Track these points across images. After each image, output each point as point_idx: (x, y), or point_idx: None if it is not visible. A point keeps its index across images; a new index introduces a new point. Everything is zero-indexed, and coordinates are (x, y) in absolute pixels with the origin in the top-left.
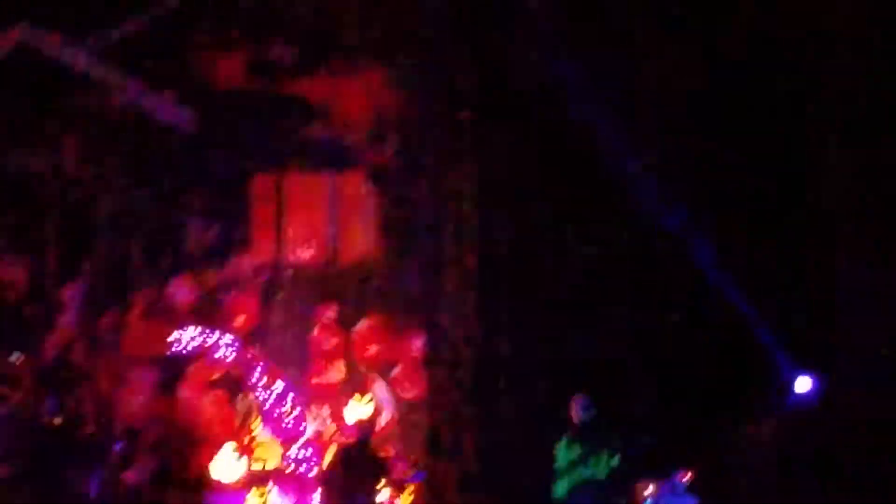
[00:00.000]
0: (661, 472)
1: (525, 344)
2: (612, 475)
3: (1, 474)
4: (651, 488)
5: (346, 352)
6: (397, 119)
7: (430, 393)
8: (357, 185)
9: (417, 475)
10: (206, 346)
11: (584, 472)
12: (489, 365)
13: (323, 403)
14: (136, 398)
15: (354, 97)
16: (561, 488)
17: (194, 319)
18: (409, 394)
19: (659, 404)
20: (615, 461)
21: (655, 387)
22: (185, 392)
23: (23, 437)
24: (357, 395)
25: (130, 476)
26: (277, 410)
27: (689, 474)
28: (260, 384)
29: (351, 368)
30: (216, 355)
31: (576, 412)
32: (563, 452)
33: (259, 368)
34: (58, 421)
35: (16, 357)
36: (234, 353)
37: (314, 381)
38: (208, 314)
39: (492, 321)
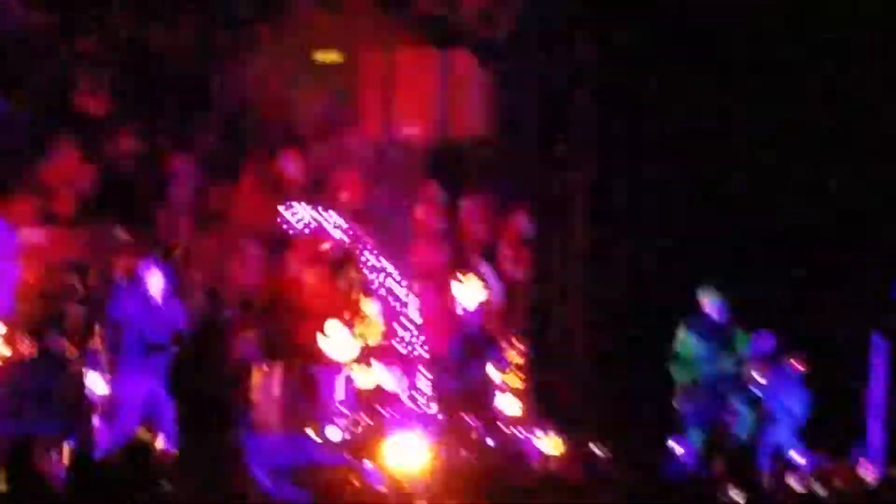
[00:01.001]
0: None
1: (642, 228)
2: (739, 370)
3: None
4: (762, 374)
5: (451, 230)
6: None
7: (538, 272)
8: (467, 62)
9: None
10: (315, 221)
11: (710, 368)
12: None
13: (427, 282)
14: (245, 271)
15: None
16: (684, 378)
17: (302, 195)
18: (515, 272)
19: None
20: (743, 355)
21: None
22: (291, 266)
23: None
24: (463, 275)
25: (239, 345)
26: (384, 289)
27: (803, 366)
28: (367, 262)
29: (456, 247)
30: (324, 231)
31: (705, 307)
32: (689, 347)
33: (366, 246)
34: None
35: (118, 232)
36: (342, 231)
37: (418, 259)
38: (316, 190)
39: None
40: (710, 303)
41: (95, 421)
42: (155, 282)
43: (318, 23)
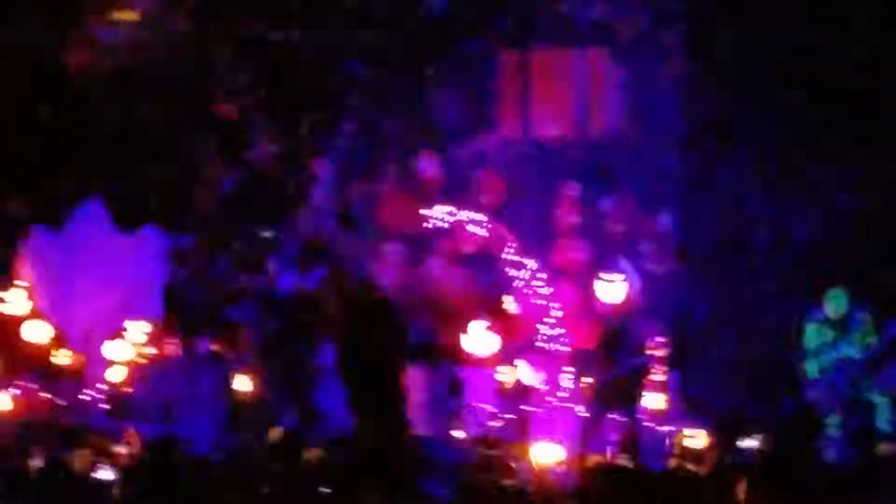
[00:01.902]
0: None
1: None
2: (868, 354)
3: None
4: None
5: (591, 228)
6: None
7: (680, 268)
8: (604, 61)
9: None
10: (458, 222)
11: (837, 354)
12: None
13: (569, 280)
14: (386, 271)
15: None
16: (811, 369)
17: (442, 195)
18: (657, 269)
19: None
20: (871, 340)
21: None
22: (433, 267)
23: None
24: (605, 272)
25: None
26: (528, 287)
27: None
28: (510, 261)
29: (597, 245)
30: (467, 232)
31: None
32: (814, 335)
33: (509, 245)
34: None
35: (269, 234)
36: (485, 230)
37: (559, 257)
38: (455, 190)
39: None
40: (832, 291)
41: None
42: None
43: None
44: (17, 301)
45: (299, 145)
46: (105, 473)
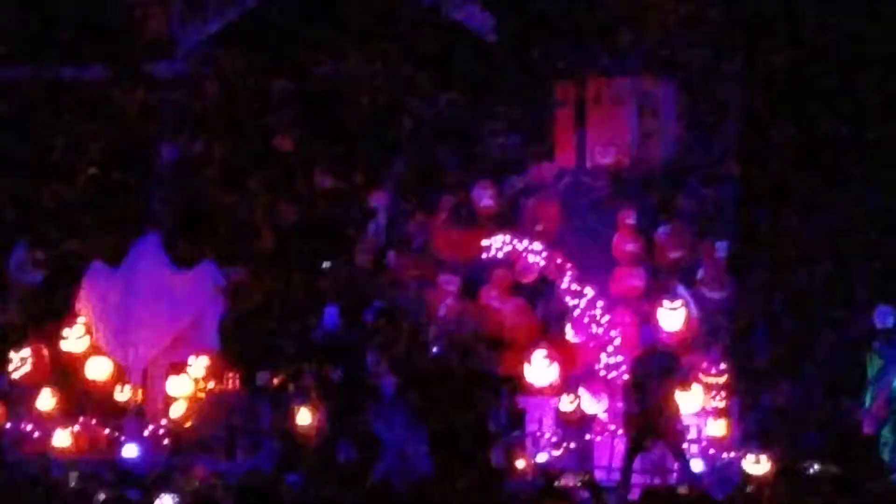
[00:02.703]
0: None
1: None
2: None
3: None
4: None
5: (648, 255)
6: (699, 21)
7: (738, 296)
8: (658, 89)
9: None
10: (517, 251)
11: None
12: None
13: (627, 307)
14: (443, 301)
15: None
16: (868, 399)
17: (497, 225)
18: (714, 295)
19: None
20: None
21: None
22: (488, 297)
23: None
24: (663, 299)
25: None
26: (587, 316)
27: None
28: (569, 290)
29: (654, 271)
30: (524, 261)
31: (879, 319)
32: (870, 365)
33: (568, 274)
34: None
35: (326, 265)
36: (545, 259)
37: (617, 284)
38: (511, 220)
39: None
40: (882, 314)
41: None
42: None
43: None
44: (77, 338)
45: (355, 178)
46: None
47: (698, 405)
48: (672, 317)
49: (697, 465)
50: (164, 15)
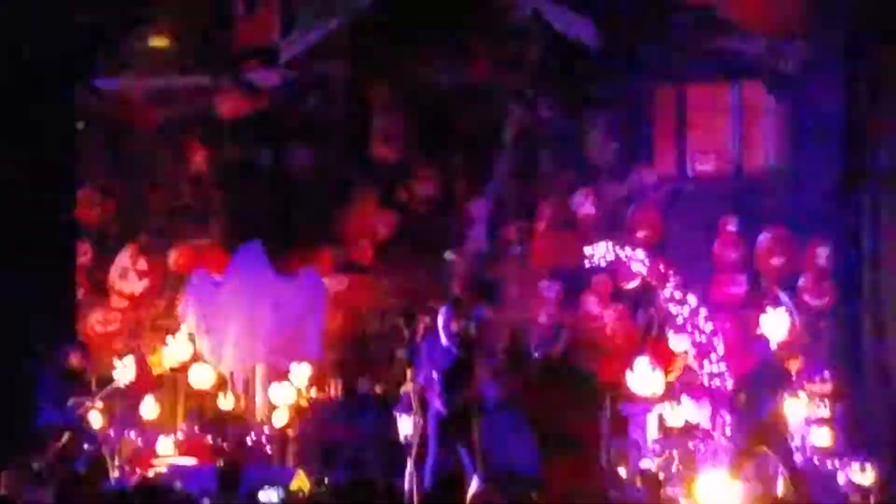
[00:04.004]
0: None
1: None
2: None
3: None
4: None
5: (750, 263)
6: (800, 26)
7: (838, 302)
8: (759, 95)
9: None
10: (619, 259)
11: None
12: None
13: (729, 315)
14: (542, 309)
15: (755, 5)
16: None
17: (598, 232)
18: (817, 302)
19: None
20: None
21: None
22: (588, 304)
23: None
24: (765, 307)
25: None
26: (690, 323)
27: None
28: (671, 297)
29: (755, 279)
30: (626, 268)
31: None
32: None
33: (670, 282)
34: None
35: (450, 254)
36: (647, 267)
37: (719, 292)
38: (611, 227)
39: None
40: None
41: (408, 463)
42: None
43: None
44: (180, 346)
45: (455, 186)
46: None
47: (802, 414)
48: (775, 324)
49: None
50: (267, 23)
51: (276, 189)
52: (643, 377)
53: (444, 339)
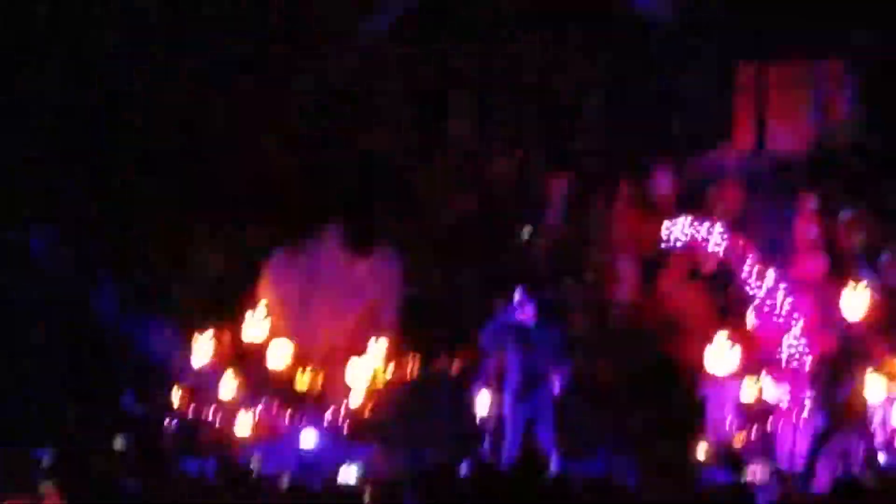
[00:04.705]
0: None
1: None
2: None
3: None
4: None
5: (830, 240)
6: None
7: None
8: (839, 71)
9: None
10: (696, 237)
11: None
12: None
13: (809, 293)
14: (620, 287)
15: None
16: None
17: (677, 210)
18: None
19: None
20: None
21: None
22: (666, 283)
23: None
24: (846, 284)
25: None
26: (769, 301)
27: None
28: (751, 275)
29: (836, 256)
30: (707, 246)
31: None
32: None
33: (750, 258)
34: None
35: (525, 232)
36: (726, 244)
37: (799, 270)
38: (691, 205)
39: None
40: None
41: (485, 441)
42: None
43: None
44: (259, 324)
45: (533, 164)
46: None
47: (883, 392)
48: (855, 302)
49: (882, 455)
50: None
51: (353, 167)
52: (721, 356)
53: (521, 317)
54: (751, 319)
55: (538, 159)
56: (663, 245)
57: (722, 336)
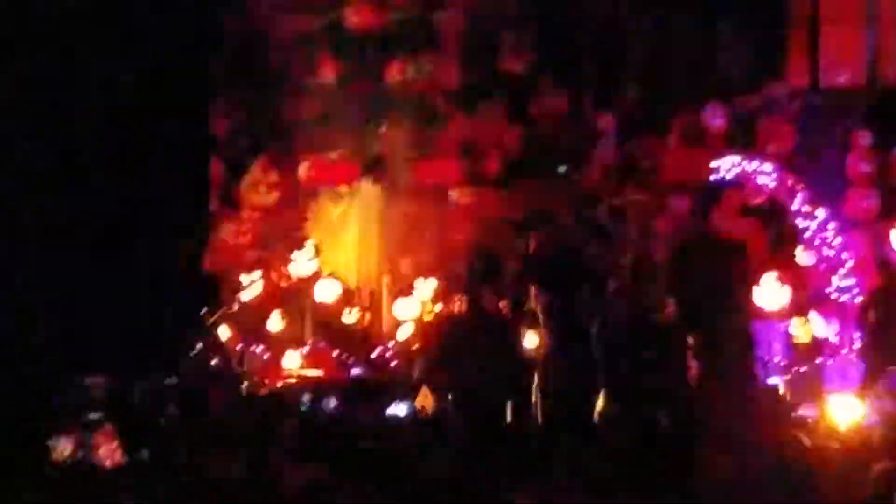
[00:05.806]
0: None
1: None
2: None
3: None
4: None
5: (883, 177)
6: None
7: None
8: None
9: None
10: (746, 173)
11: None
12: None
13: (860, 230)
14: (672, 224)
15: None
16: None
17: (728, 145)
18: None
19: None
20: None
21: None
22: (718, 219)
23: None
24: None
25: None
26: (819, 238)
27: None
28: (801, 211)
29: (887, 195)
30: (757, 182)
31: None
32: None
33: (800, 196)
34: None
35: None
36: (775, 181)
37: (851, 207)
38: (742, 140)
39: None
40: None
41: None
42: None
43: None
44: (306, 261)
45: (584, 100)
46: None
47: None
48: None
49: None
50: None
51: (402, 102)
52: (771, 293)
53: (566, 255)
54: (801, 257)
55: (589, 95)
56: (714, 180)
57: (772, 273)
